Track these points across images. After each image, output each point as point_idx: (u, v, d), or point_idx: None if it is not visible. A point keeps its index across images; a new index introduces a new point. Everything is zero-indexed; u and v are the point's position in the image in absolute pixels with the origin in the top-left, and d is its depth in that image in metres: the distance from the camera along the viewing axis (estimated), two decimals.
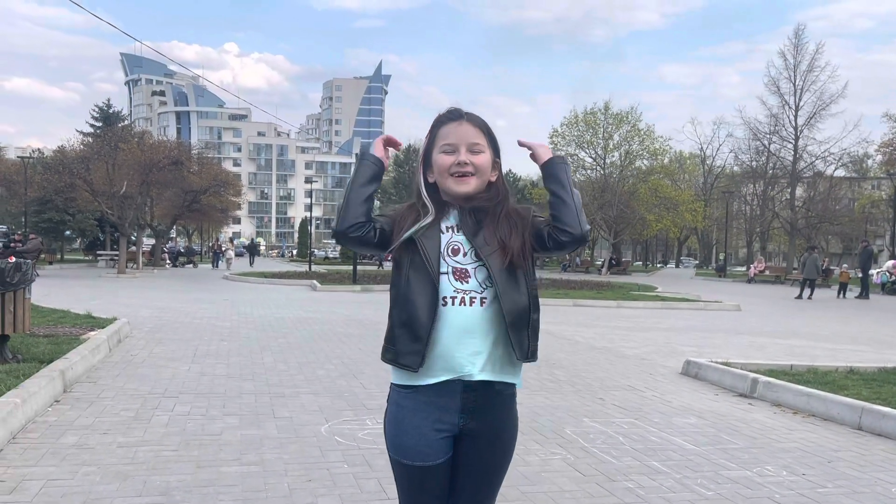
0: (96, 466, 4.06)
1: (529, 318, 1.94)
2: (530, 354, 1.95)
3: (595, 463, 4.45)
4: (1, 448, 4.31)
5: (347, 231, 1.92)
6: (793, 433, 5.44)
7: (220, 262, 41.00)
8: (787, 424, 5.74)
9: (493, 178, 2.01)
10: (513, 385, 1.99)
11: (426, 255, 1.89)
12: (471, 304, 1.89)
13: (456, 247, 1.94)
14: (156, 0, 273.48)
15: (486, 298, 1.90)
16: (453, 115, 1.98)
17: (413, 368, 1.88)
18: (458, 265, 1.92)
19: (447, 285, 1.90)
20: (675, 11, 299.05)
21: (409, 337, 1.88)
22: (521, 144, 2.07)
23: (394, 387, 1.99)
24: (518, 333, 1.91)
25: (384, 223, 1.97)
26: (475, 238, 1.93)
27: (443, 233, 1.95)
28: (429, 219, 1.94)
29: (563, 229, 1.94)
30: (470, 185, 1.95)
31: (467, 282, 1.90)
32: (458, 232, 1.95)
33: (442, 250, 1.92)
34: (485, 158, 1.96)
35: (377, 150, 2.00)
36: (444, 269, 1.91)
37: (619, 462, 4.49)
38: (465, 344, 1.88)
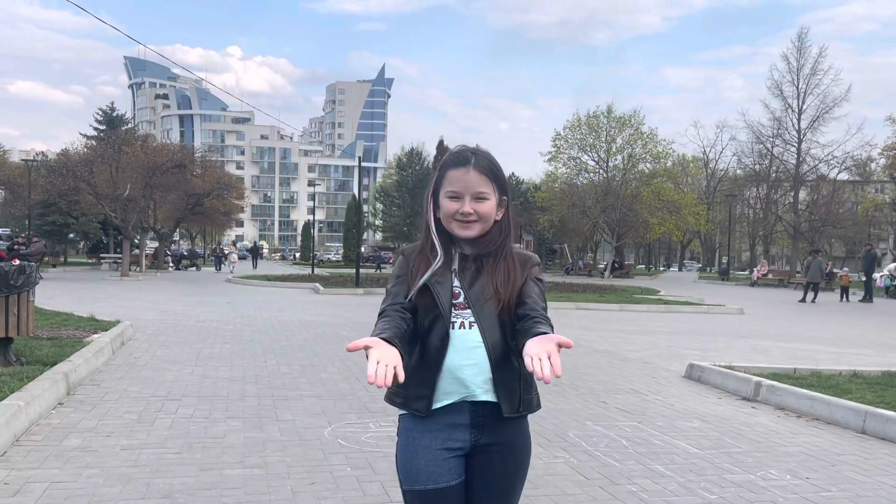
0: (99, 469, 4.07)
1: (521, 374, 1.93)
2: (522, 406, 1.94)
3: (598, 466, 4.44)
4: (5, 451, 4.32)
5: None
6: (796, 437, 5.43)
7: (222, 265, 41.06)
8: (790, 428, 5.73)
9: (499, 217, 2.00)
10: None
11: (440, 301, 1.92)
12: (470, 328, 1.91)
13: (457, 291, 1.95)
14: (159, 3, 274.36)
15: None
16: (460, 161, 1.96)
17: (422, 413, 1.91)
18: (458, 303, 1.95)
19: (455, 315, 1.93)
20: (677, 14, 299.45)
21: (417, 382, 1.90)
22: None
23: (402, 416, 1.99)
24: (506, 387, 1.91)
25: (404, 288, 1.97)
26: (471, 290, 1.94)
27: (453, 275, 1.97)
28: (439, 262, 1.95)
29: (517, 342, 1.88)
30: (473, 231, 1.96)
31: (466, 309, 1.93)
32: (455, 278, 1.97)
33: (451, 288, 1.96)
34: (489, 205, 1.95)
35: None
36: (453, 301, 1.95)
37: (622, 465, 4.49)
38: (468, 364, 1.89)
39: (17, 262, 6.84)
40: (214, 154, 64.40)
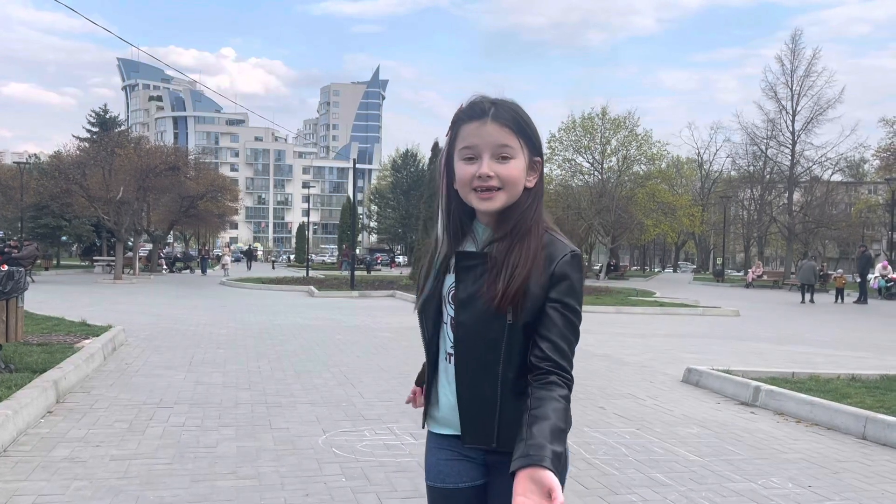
0: (88, 480, 3.98)
1: (497, 399, 1.57)
2: (498, 442, 1.58)
3: (598, 475, 4.37)
4: None
5: None
6: (797, 443, 5.37)
7: (207, 268, 40.82)
8: (790, 434, 5.66)
9: (531, 184, 1.59)
10: None
11: (425, 308, 1.67)
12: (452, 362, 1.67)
13: (453, 290, 1.62)
14: (153, 5, 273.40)
15: None
16: (475, 113, 1.56)
17: (422, 424, 1.77)
18: (452, 317, 1.63)
19: (446, 340, 1.65)
20: (671, 17, 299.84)
21: (425, 393, 1.75)
22: None
23: None
24: (472, 414, 1.59)
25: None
26: (461, 290, 1.59)
27: (448, 272, 1.64)
28: (440, 258, 1.66)
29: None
30: (496, 202, 1.55)
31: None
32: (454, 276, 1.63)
33: (444, 296, 1.64)
34: (515, 166, 1.54)
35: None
36: (444, 318, 1.65)
37: (621, 474, 4.41)
38: (453, 401, 1.71)
39: (6, 267, 6.74)
40: (208, 156, 64.22)
